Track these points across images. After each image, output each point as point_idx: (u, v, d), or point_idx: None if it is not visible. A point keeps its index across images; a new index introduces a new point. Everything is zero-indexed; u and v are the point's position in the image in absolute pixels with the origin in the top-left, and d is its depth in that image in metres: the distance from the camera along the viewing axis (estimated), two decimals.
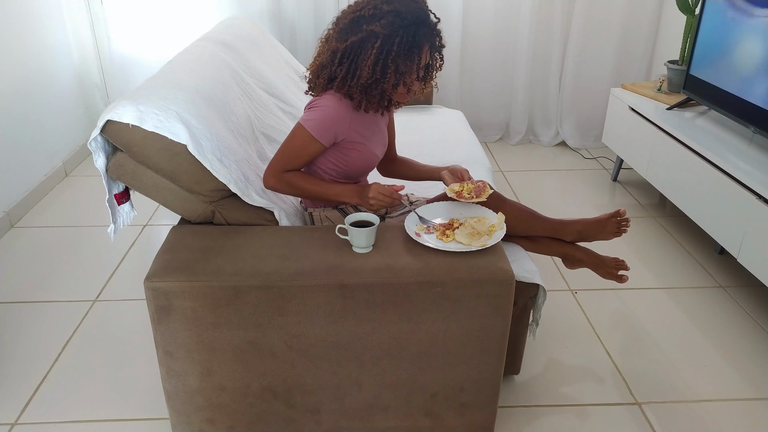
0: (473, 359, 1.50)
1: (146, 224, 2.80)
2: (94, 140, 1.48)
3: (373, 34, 1.48)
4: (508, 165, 3.52)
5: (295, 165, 1.60)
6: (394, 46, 1.48)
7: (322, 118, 1.55)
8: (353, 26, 1.51)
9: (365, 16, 1.49)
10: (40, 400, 1.81)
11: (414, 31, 1.49)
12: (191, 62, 1.88)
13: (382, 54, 1.49)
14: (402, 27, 1.48)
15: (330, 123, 1.56)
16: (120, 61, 3.60)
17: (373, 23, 1.48)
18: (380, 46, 1.48)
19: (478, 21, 3.54)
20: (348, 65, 1.52)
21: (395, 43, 1.48)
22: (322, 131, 1.55)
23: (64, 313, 2.19)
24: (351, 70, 1.52)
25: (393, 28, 1.47)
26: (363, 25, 1.49)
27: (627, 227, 1.80)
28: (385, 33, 1.47)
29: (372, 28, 1.47)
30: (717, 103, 2.53)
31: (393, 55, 1.49)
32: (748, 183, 2.13)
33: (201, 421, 1.57)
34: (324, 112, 1.55)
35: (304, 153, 1.58)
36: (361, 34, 1.49)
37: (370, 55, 1.49)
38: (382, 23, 1.47)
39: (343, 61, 1.52)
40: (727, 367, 1.97)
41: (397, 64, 1.50)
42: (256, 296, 1.39)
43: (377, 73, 1.50)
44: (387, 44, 1.48)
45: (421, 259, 1.44)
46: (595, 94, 3.68)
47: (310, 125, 1.55)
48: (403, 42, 1.48)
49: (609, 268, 1.82)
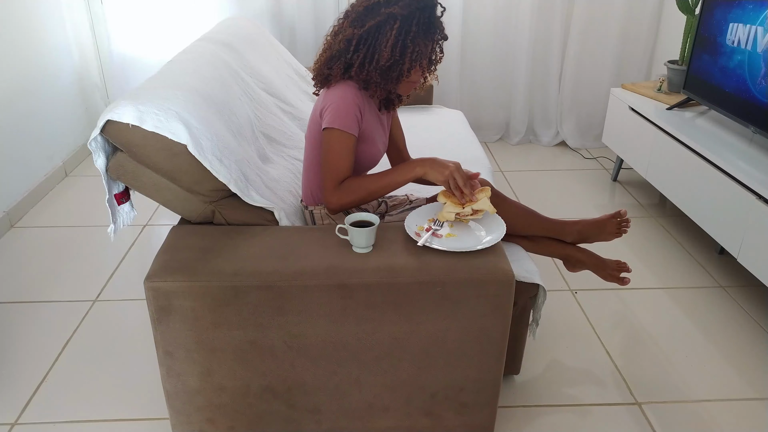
0: (473, 359, 1.50)
1: (146, 224, 2.80)
2: (94, 140, 1.48)
3: (391, 16, 1.51)
4: (508, 165, 3.52)
5: (345, 169, 1.57)
6: (412, 26, 1.51)
7: (342, 109, 1.55)
8: (369, 12, 1.54)
9: (380, 2, 1.53)
10: (40, 400, 1.82)
11: (429, 13, 1.54)
12: (191, 62, 1.88)
13: (401, 35, 1.51)
14: (419, 9, 1.52)
15: (351, 110, 1.56)
16: (120, 61, 3.60)
17: (391, 6, 1.51)
18: (399, 27, 1.51)
19: (478, 21, 3.54)
20: (366, 49, 1.53)
21: (413, 23, 1.51)
22: (348, 122, 1.55)
23: (64, 313, 2.19)
24: (369, 54, 1.54)
25: (411, 10, 1.51)
26: (381, 9, 1.52)
27: (627, 228, 1.80)
28: (403, 14, 1.50)
29: (390, 11, 1.50)
30: (717, 103, 2.53)
31: (412, 35, 1.52)
32: (748, 183, 2.13)
33: (201, 421, 1.57)
34: (340, 104, 1.55)
35: (346, 154, 1.56)
36: (379, 18, 1.51)
37: (390, 36, 1.51)
38: (401, 5, 1.50)
39: (360, 47, 1.54)
40: (727, 367, 1.97)
41: (415, 44, 1.53)
42: (256, 296, 1.39)
43: (396, 54, 1.52)
44: (406, 25, 1.51)
45: (421, 259, 1.44)
46: (595, 94, 3.68)
47: (337, 123, 1.54)
48: (422, 23, 1.52)
49: (610, 270, 1.82)
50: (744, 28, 2.35)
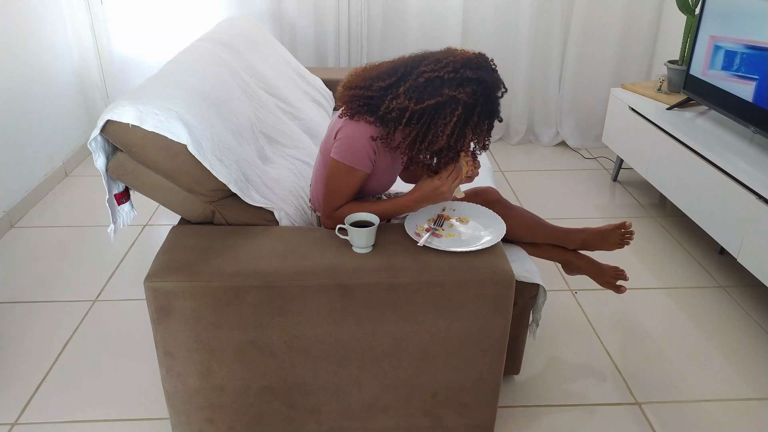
0: (473, 359, 1.50)
1: (146, 224, 2.80)
2: (94, 140, 1.48)
3: (454, 100, 1.39)
4: (508, 165, 3.52)
5: (342, 200, 1.55)
6: (474, 115, 1.41)
7: (356, 147, 1.49)
8: (430, 87, 1.41)
9: (444, 79, 1.40)
10: (40, 400, 1.82)
11: (493, 101, 1.44)
12: (191, 62, 1.88)
13: (460, 122, 1.41)
14: (484, 96, 1.41)
15: (366, 151, 1.49)
16: (120, 61, 3.60)
17: (456, 89, 1.39)
18: (461, 114, 1.40)
19: (478, 20, 3.54)
20: (420, 127, 1.43)
21: (475, 112, 1.41)
22: (358, 159, 1.50)
23: (64, 313, 2.19)
24: (423, 133, 1.43)
25: (476, 97, 1.40)
26: (443, 89, 1.40)
27: (630, 240, 1.82)
28: (468, 102, 1.40)
29: (454, 94, 1.39)
30: (717, 103, 2.53)
31: (472, 125, 1.42)
32: (748, 183, 2.13)
33: (201, 421, 1.57)
34: (354, 143, 1.49)
35: (348, 187, 1.53)
36: (440, 98, 1.40)
37: (450, 122, 1.40)
38: (467, 91, 1.39)
39: (413, 122, 1.43)
40: (727, 367, 1.97)
41: (474, 133, 1.44)
42: (256, 296, 1.39)
43: (452, 141, 1.43)
44: (468, 113, 1.41)
45: (421, 259, 1.44)
46: (595, 94, 3.68)
47: (347, 159, 1.50)
48: (484, 111, 1.43)
49: (608, 278, 1.84)
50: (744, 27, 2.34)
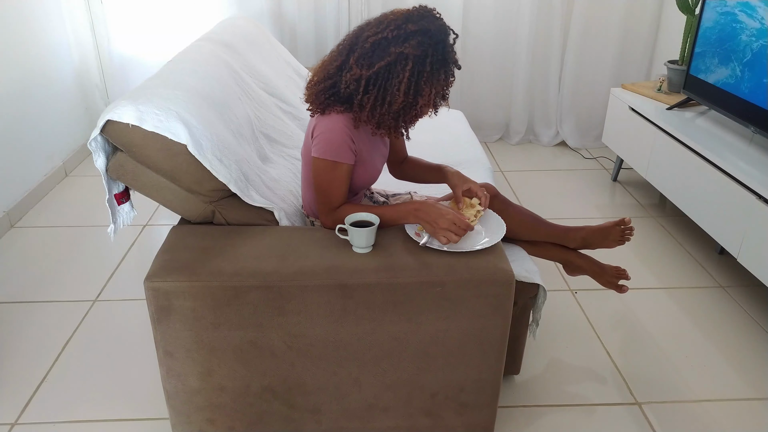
0: (473, 359, 1.50)
1: (146, 224, 2.80)
2: (94, 140, 1.48)
3: (402, 56, 1.39)
4: (508, 165, 3.52)
5: (337, 197, 1.54)
6: (426, 66, 1.40)
7: (333, 141, 1.48)
8: (377, 50, 1.41)
9: (389, 38, 1.40)
10: (40, 400, 1.82)
11: (443, 48, 1.43)
12: (191, 62, 1.88)
13: (414, 76, 1.40)
14: (431, 45, 1.40)
15: (344, 143, 1.49)
16: (120, 61, 3.60)
17: (402, 45, 1.39)
18: (412, 68, 1.40)
19: (479, 21, 3.54)
20: (377, 92, 1.42)
21: (427, 63, 1.40)
22: (340, 153, 1.49)
23: (64, 313, 2.19)
24: (380, 97, 1.43)
25: (424, 48, 1.39)
26: (390, 48, 1.39)
27: (631, 236, 1.80)
28: (416, 54, 1.39)
29: (401, 50, 1.39)
30: (717, 103, 2.53)
31: (426, 76, 1.41)
32: (748, 183, 2.13)
33: (201, 421, 1.57)
34: (331, 136, 1.49)
35: (337, 183, 1.52)
36: (389, 58, 1.40)
37: (402, 78, 1.40)
38: (413, 44, 1.39)
39: (370, 88, 1.43)
40: (727, 367, 1.97)
41: (430, 84, 1.43)
42: (256, 296, 1.39)
43: (410, 97, 1.42)
44: (419, 65, 1.40)
45: (421, 259, 1.44)
46: (595, 94, 3.68)
47: (328, 154, 1.49)
48: (435, 61, 1.41)
49: (609, 277, 1.82)
50: (744, 27, 2.34)
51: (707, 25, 2.58)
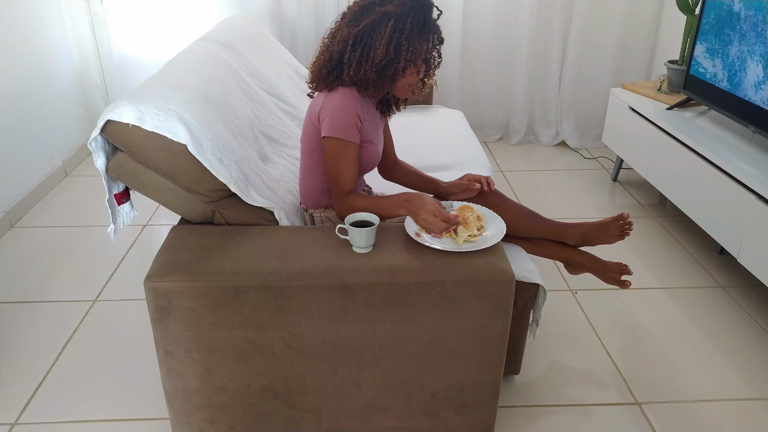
0: (473, 359, 1.50)
1: (146, 224, 2.80)
2: (94, 140, 1.48)
3: (386, 14, 1.51)
4: (508, 165, 3.52)
5: (350, 181, 1.58)
6: (407, 24, 1.51)
7: (342, 117, 1.54)
8: (365, 11, 1.54)
9: (375, 1, 1.53)
10: (40, 400, 1.82)
11: (424, 13, 1.54)
12: (191, 62, 1.88)
13: (395, 32, 1.51)
14: (413, 8, 1.52)
15: (352, 119, 1.55)
16: (120, 61, 3.60)
17: (386, 5, 1.51)
18: (393, 25, 1.50)
19: (479, 21, 3.54)
20: (362, 48, 1.53)
21: (408, 21, 1.51)
22: (348, 130, 1.55)
23: (64, 313, 2.19)
24: (365, 52, 1.53)
25: (405, 8, 1.51)
26: (376, 8, 1.52)
27: (630, 230, 1.79)
28: (398, 12, 1.50)
29: (385, 9, 1.51)
30: (717, 103, 2.53)
31: (406, 34, 1.51)
32: (748, 183, 2.13)
33: (201, 421, 1.57)
34: (340, 112, 1.54)
35: (349, 163, 1.57)
36: (374, 16, 1.51)
37: (384, 34, 1.51)
38: (395, 3, 1.51)
39: (356, 45, 1.53)
40: (727, 367, 1.97)
41: (410, 42, 1.52)
42: (256, 296, 1.39)
43: (391, 52, 1.51)
44: (400, 23, 1.51)
45: (421, 259, 1.44)
46: (595, 94, 3.68)
47: (338, 132, 1.54)
48: (416, 21, 1.52)
49: (612, 273, 1.81)
50: (744, 27, 2.34)
51: (707, 25, 2.58)
